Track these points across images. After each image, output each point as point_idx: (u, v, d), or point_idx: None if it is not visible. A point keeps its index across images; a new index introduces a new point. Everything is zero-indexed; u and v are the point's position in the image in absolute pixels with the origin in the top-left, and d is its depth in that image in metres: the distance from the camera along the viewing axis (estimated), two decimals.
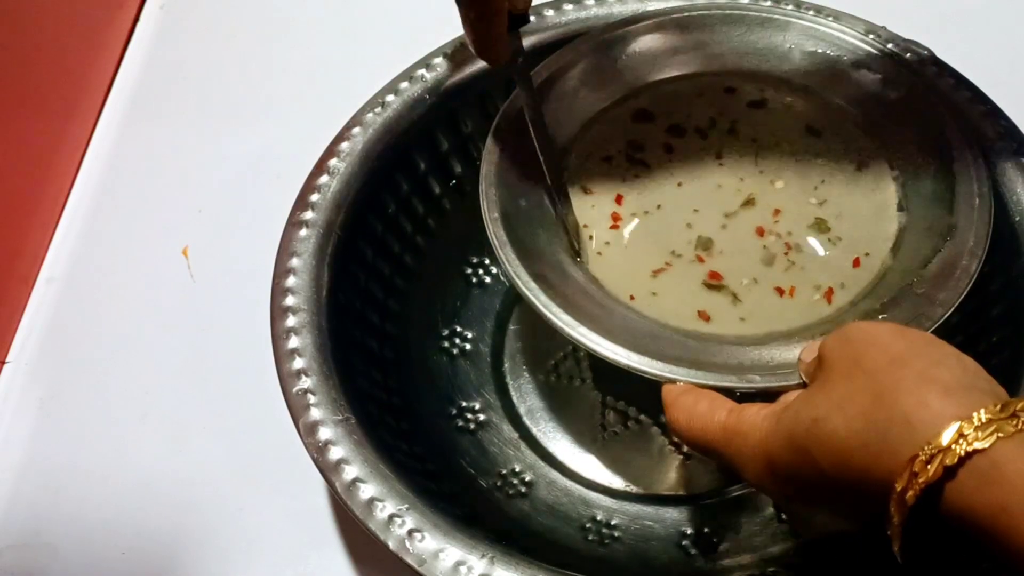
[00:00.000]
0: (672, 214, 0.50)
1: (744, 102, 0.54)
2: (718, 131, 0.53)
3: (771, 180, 0.51)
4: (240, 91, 0.72)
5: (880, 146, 0.52)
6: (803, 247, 0.49)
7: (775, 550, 0.49)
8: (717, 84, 0.54)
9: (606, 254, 0.49)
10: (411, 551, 0.42)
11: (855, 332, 0.36)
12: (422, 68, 0.57)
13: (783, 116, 0.54)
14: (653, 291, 0.47)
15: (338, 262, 0.52)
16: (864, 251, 0.49)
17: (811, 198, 0.51)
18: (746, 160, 0.52)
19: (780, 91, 0.54)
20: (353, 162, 0.54)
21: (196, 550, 0.54)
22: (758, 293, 0.47)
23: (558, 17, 0.59)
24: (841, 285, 0.48)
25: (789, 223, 0.50)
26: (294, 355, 0.48)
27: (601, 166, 0.52)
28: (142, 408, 0.59)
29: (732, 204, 0.50)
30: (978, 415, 0.30)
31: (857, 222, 0.50)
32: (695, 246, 0.49)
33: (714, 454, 0.39)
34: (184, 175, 0.68)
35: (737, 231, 0.49)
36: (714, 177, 0.51)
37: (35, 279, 0.64)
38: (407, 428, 0.52)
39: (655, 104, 0.54)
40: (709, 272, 0.48)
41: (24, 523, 0.55)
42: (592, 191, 0.51)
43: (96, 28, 0.73)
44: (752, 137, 0.53)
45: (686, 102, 0.54)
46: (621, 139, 0.53)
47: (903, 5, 0.62)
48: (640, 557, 0.50)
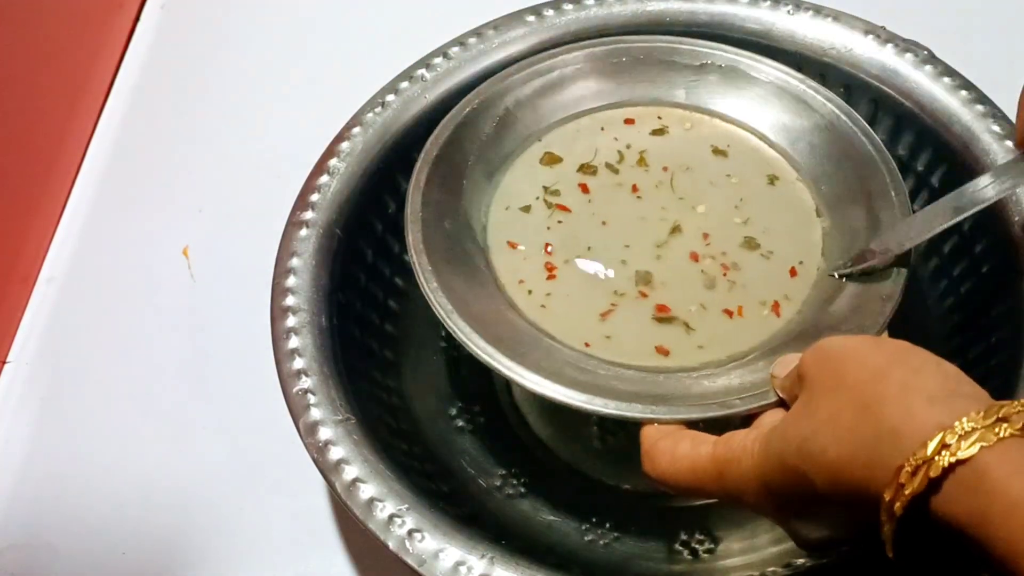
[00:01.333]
0: (604, 254, 0.50)
1: (647, 131, 0.54)
2: (628, 164, 0.53)
3: (692, 205, 0.51)
4: (240, 91, 0.72)
5: (784, 158, 0.53)
6: (740, 265, 0.49)
7: (775, 550, 0.49)
8: (616, 117, 0.55)
9: (550, 306, 0.48)
10: (411, 551, 0.42)
11: (832, 347, 0.36)
12: (422, 68, 0.57)
13: (686, 140, 0.54)
14: (606, 335, 0.47)
15: (338, 262, 0.52)
16: (797, 260, 0.49)
17: (735, 217, 0.51)
18: (662, 189, 0.52)
19: (676, 116, 0.55)
20: (353, 162, 0.54)
21: (196, 550, 0.54)
22: (709, 318, 0.48)
23: (558, 17, 0.59)
24: (785, 297, 0.48)
25: (720, 244, 0.50)
26: (294, 355, 0.48)
27: (521, 217, 0.51)
28: (142, 408, 0.59)
29: (660, 234, 0.50)
30: (961, 424, 0.30)
31: (783, 234, 0.50)
32: (635, 282, 0.49)
33: (705, 490, 0.39)
34: (184, 175, 0.68)
35: (672, 260, 0.49)
36: (636, 210, 0.51)
37: (36, 279, 0.64)
38: (407, 428, 0.53)
39: (559, 145, 0.54)
40: (656, 306, 0.48)
41: (24, 523, 0.55)
42: (517, 244, 0.50)
43: (97, 28, 0.73)
44: (663, 165, 0.52)
45: (590, 139, 0.54)
46: (536, 186, 0.52)
47: (903, 5, 0.62)
48: (640, 557, 0.50)
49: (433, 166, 0.51)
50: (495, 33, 0.58)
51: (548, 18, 0.59)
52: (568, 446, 0.55)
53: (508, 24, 0.59)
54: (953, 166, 0.53)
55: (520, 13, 0.59)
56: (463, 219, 0.50)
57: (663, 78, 0.55)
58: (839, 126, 0.52)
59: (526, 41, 0.58)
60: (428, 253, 0.47)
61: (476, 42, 0.58)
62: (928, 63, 0.55)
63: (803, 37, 0.57)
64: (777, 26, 0.57)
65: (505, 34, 0.58)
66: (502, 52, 0.58)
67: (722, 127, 0.54)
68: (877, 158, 0.50)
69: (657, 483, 0.40)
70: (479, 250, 0.50)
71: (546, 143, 0.53)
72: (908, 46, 0.56)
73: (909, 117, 0.55)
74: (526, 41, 0.58)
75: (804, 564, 0.46)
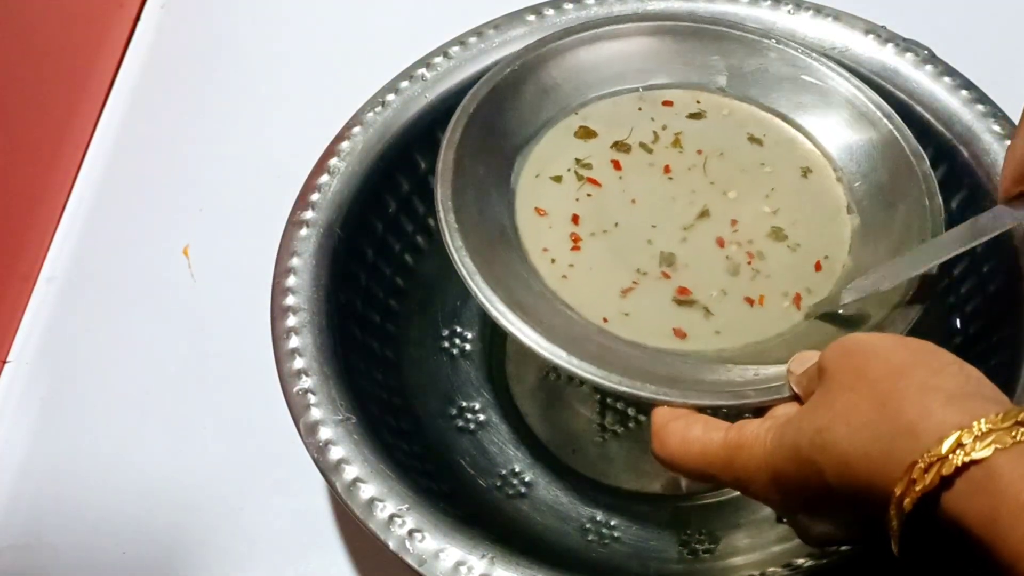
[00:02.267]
0: (631, 231, 0.49)
1: (684, 114, 0.54)
2: (662, 144, 0.53)
3: (723, 191, 0.51)
4: (241, 90, 0.72)
5: (821, 152, 0.52)
6: (765, 255, 0.49)
7: (775, 550, 0.49)
8: (655, 97, 0.54)
9: (572, 277, 0.48)
10: (411, 551, 0.42)
11: (855, 343, 0.36)
12: (422, 67, 0.57)
13: (723, 126, 0.54)
14: (625, 312, 0.47)
15: (338, 262, 0.52)
16: (823, 255, 0.49)
17: (764, 206, 0.51)
18: (695, 172, 0.52)
19: (715, 102, 0.54)
20: (353, 161, 0.54)
21: (196, 550, 0.54)
22: (729, 305, 0.47)
23: (558, 16, 0.59)
24: (807, 290, 0.48)
25: (747, 232, 0.49)
26: (294, 355, 0.48)
27: (551, 186, 0.51)
28: (143, 408, 0.59)
29: (688, 217, 0.50)
30: (978, 424, 0.30)
31: (812, 227, 0.50)
32: (659, 262, 0.48)
33: (713, 475, 0.39)
34: (185, 174, 0.68)
35: (698, 244, 0.49)
36: (666, 191, 0.51)
37: (36, 278, 0.64)
38: (407, 428, 0.52)
39: (596, 120, 0.53)
40: (678, 288, 0.48)
41: (24, 523, 0.55)
42: (546, 212, 0.50)
43: (97, 28, 0.73)
44: (697, 149, 0.52)
45: (626, 117, 0.54)
46: (568, 157, 0.52)
47: (903, 5, 0.62)
48: (640, 557, 0.50)
49: (467, 125, 0.50)
50: (495, 32, 0.58)
51: (548, 17, 0.59)
52: (568, 446, 0.55)
53: (509, 23, 0.59)
54: (953, 166, 0.53)
55: (520, 12, 0.59)
56: (493, 181, 0.50)
57: (708, 62, 0.55)
58: (888, 138, 0.51)
59: (526, 41, 0.58)
60: (456, 211, 0.47)
61: (476, 41, 0.58)
62: (929, 63, 0.55)
63: (803, 36, 0.57)
64: (778, 25, 0.57)
65: (506, 33, 0.58)
66: (503, 51, 0.58)
67: (761, 115, 0.54)
68: (919, 173, 0.49)
69: (665, 464, 0.40)
70: (507, 213, 0.49)
71: (583, 116, 0.53)
72: (908, 46, 0.55)
73: (909, 117, 0.55)
74: (526, 41, 0.58)
75: (805, 564, 0.46)
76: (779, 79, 0.54)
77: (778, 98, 0.54)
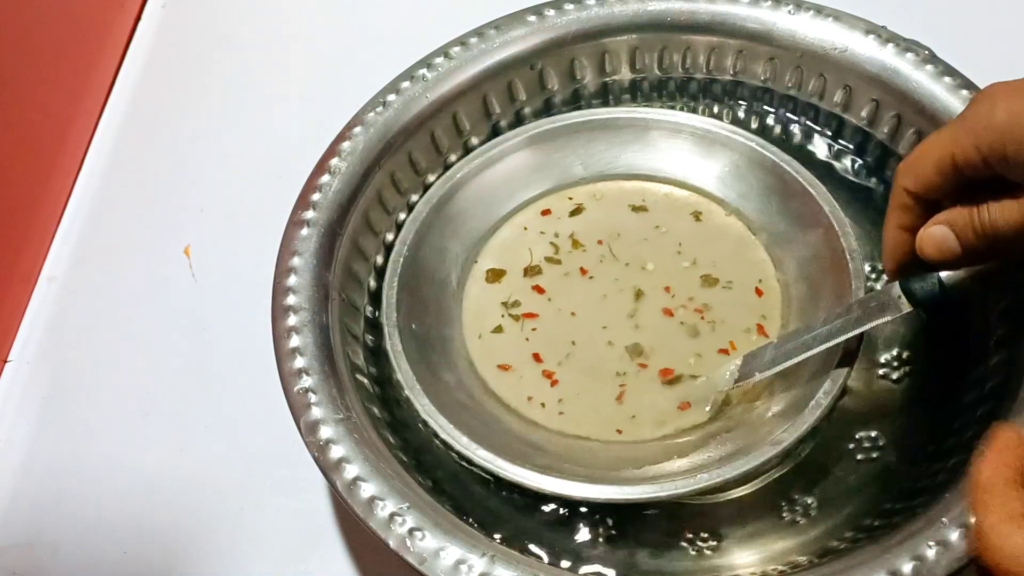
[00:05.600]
0: (589, 343, 0.51)
1: (565, 215, 0.55)
2: (564, 251, 0.54)
3: (640, 266, 0.52)
4: (242, 90, 0.72)
5: (699, 193, 0.55)
6: (710, 304, 0.51)
7: (779, 548, 0.49)
8: (531, 213, 0.55)
9: (567, 411, 0.49)
10: (412, 550, 0.42)
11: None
12: (423, 68, 0.57)
13: (604, 210, 0.55)
14: (631, 415, 0.48)
15: (339, 261, 0.52)
16: (756, 280, 0.51)
17: (683, 262, 0.52)
18: (607, 262, 0.53)
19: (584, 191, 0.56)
20: (354, 161, 0.55)
21: (196, 550, 0.54)
22: (708, 363, 0.49)
23: (559, 17, 0.59)
24: (763, 317, 0.50)
25: (684, 291, 0.51)
26: (295, 354, 0.48)
27: (498, 339, 0.52)
28: (143, 407, 0.59)
29: (627, 304, 0.51)
30: None
31: (732, 261, 0.52)
32: (630, 357, 0.50)
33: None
34: (186, 174, 0.68)
35: (650, 323, 0.51)
36: (595, 290, 0.52)
37: (37, 278, 0.65)
38: (408, 427, 0.52)
39: (495, 259, 0.54)
40: (659, 372, 0.49)
41: (25, 522, 0.55)
42: (509, 366, 0.51)
43: (98, 28, 0.73)
44: (596, 239, 0.54)
45: (518, 242, 0.55)
46: (494, 305, 0.53)
47: (903, 5, 0.62)
48: (642, 555, 0.50)
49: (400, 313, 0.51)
50: (496, 33, 0.58)
51: (549, 18, 0.59)
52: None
53: (509, 24, 0.59)
54: None
55: (522, 13, 0.59)
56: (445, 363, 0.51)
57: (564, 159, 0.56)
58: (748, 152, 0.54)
59: (527, 41, 0.58)
60: (427, 395, 0.48)
61: (477, 42, 0.58)
62: (929, 63, 0.55)
63: (804, 37, 0.57)
64: (778, 26, 0.57)
65: (506, 34, 0.58)
66: (503, 52, 0.58)
67: (628, 186, 0.56)
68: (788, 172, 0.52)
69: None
70: (478, 385, 0.50)
71: (482, 263, 0.54)
72: (909, 46, 0.56)
73: (910, 117, 0.55)
74: (527, 41, 0.58)
75: (807, 562, 0.46)
76: (624, 144, 0.56)
77: (632, 161, 0.55)
